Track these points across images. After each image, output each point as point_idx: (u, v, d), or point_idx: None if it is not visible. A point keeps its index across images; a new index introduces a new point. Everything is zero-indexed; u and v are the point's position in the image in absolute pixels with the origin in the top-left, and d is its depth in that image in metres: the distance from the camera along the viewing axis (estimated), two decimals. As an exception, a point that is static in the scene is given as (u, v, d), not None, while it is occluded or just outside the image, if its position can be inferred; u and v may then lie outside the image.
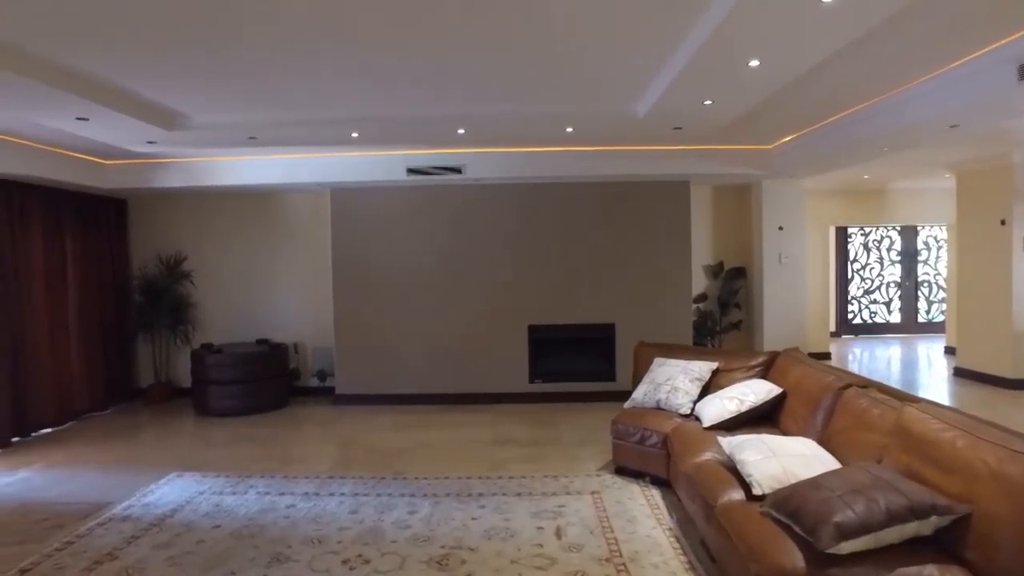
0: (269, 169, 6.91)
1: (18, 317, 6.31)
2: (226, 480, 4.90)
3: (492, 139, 6.08)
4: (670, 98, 4.45)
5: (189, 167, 6.93)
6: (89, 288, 7.27)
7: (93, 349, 7.28)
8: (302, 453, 5.69)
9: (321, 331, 7.82)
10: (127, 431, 6.59)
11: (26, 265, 6.44)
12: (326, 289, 7.70)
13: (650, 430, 4.61)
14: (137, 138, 5.40)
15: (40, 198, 6.61)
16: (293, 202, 7.94)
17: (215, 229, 8.00)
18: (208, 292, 8.01)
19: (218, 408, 7.00)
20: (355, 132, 5.44)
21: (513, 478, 4.85)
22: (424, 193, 7.41)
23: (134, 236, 8.08)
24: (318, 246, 7.85)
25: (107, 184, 6.96)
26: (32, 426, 6.44)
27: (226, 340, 7.88)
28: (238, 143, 5.72)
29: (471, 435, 6.11)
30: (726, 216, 8.28)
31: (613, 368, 7.53)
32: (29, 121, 4.91)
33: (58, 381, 6.77)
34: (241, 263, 7.99)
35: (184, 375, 7.88)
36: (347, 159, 6.83)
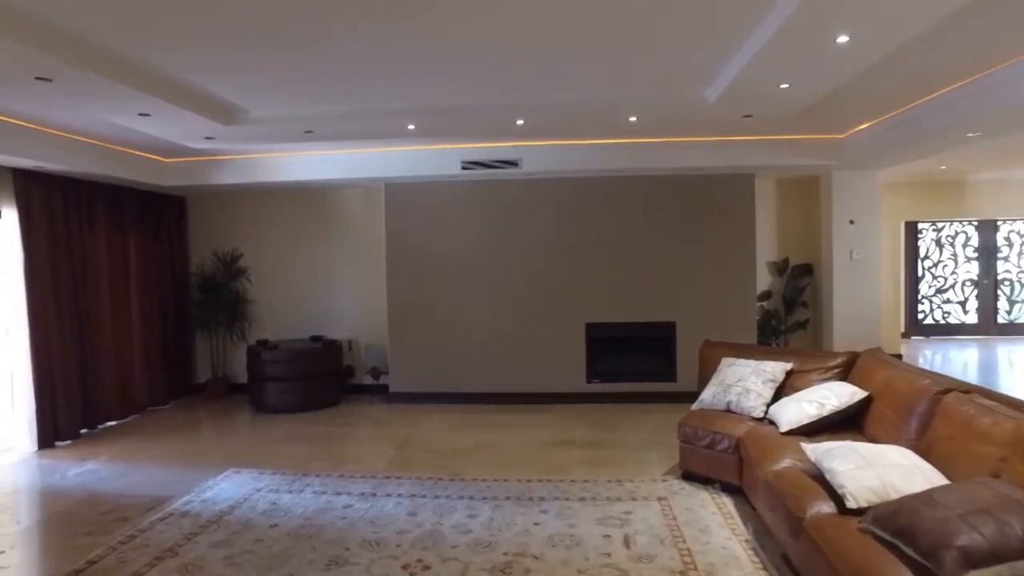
0: (323, 165, 6.88)
1: (86, 313, 6.43)
2: (282, 478, 4.86)
3: (551, 131, 5.89)
4: (744, 81, 4.18)
5: (245, 164, 6.95)
6: (150, 285, 7.38)
7: (154, 345, 7.39)
8: (357, 452, 5.62)
9: (375, 328, 7.76)
10: (186, 426, 6.65)
11: (93, 262, 6.56)
12: (380, 285, 7.64)
13: (721, 434, 4.36)
14: (196, 134, 5.40)
15: (105, 196, 6.72)
16: (347, 198, 7.91)
17: (270, 226, 8.03)
18: (263, 288, 8.05)
19: (273, 404, 7.01)
20: (412, 124, 5.33)
21: (575, 482, 4.65)
22: (479, 188, 7.28)
23: (192, 233, 8.19)
24: (372, 242, 7.80)
25: (167, 181, 7.04)
26: (99, 418, 6.56)
27: (281, 336, 7.90)
28: (294, 138, 5.68)
29: (529, 436, 5.94)
30: (791, 210, 7.91)
31: (673, 368, 7.25)
32: (95, 119, 4.96)
33: (122, 376, 6.88)
34: (295, 259, 8.01)
35: (240, 371, 7.93)
36: (402, 154, 6.74)
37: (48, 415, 5.92)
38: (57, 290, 6.07)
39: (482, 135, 6.12)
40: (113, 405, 6.72)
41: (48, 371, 5.95)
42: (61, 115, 4.92)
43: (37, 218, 5.91)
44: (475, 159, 6.64)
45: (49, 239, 6.01)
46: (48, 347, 5.95)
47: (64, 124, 5.27)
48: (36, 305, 5.85)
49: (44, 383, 5.90)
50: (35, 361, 5.82)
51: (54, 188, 6.09)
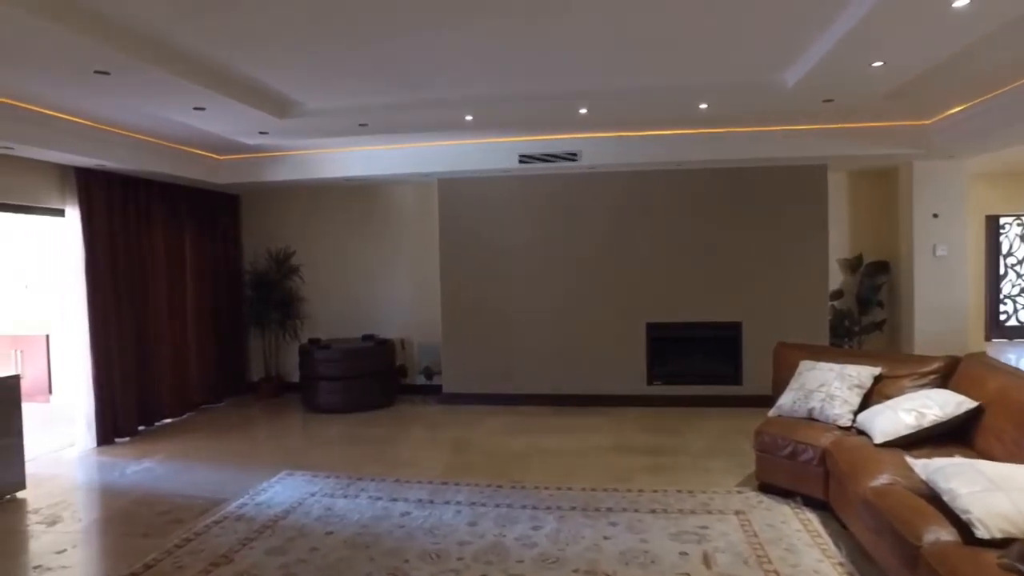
0: (376, 160, 6.74)
1: (143, 311, 6.44)
2: (336, 481, 4.71)
3: (613, 121, 5.61)
4: (833, 60, 3.83)
5: (298, 160, 6.87)
6: (205, 283, 7.37)
7: (209, 343, 7.39)
8: (413, 455, 5.44)
9: (428, 327, 7.60)
10: (240, 425, 6.60)
11: (150, 260, 6.56)
12: (433, 284, 7.48)
13: (804, 444, 4.02)
14: (250, 128, 5.31)
15: (162, 194, 6.73)
16: (400, 194, 7.77)
17: (323, 223, 7.95)
18: (315, 286, 7.98)
19: (326, 404, 6.91)
20: (469, 115, 5.12)
21: (644, 492, 4.37)
22: (535, 183, 7.04)
23: (246, 231, 8.17)
24: (425, 239, 7.64)
25: (221, 179, 7.01)
26: (156, 416, 6.57)
27: (333, 335, 7.81)
28: (348, 131, 5.53)
29: (589, 440, 5.68)
30: (864, 204, 7.42)
31: (738, 371, 6.88)
32: (151, 115, 4.90)
33: (178, 373, 6.88)
34: (347, 257, 7.91)
35: (293, 370, 7.87)
36: (456, 148, 6.55)
37: (107, 412, 5.93)
38: (116, 288, 6.08)
39: (541, 127, 5.87)
40: (169, 403, 6.72)
41: (107, 368, 5.96)
42: (119, 112, 4.88)
43: (98, 216, 5.92)
44: (533, 152, 6.40)
45: (108, 237, 6.02)
46: (107, 345, 5.96)
47: (122, 122, 5.24)
48: (96, 302, 5.86)
49: (103, 380, 5.91)
50: (95, 358, 5.83)
51: (113, 186, 6.10)
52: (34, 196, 5.57)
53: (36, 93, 4.36)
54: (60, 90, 4.22)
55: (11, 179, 5.35)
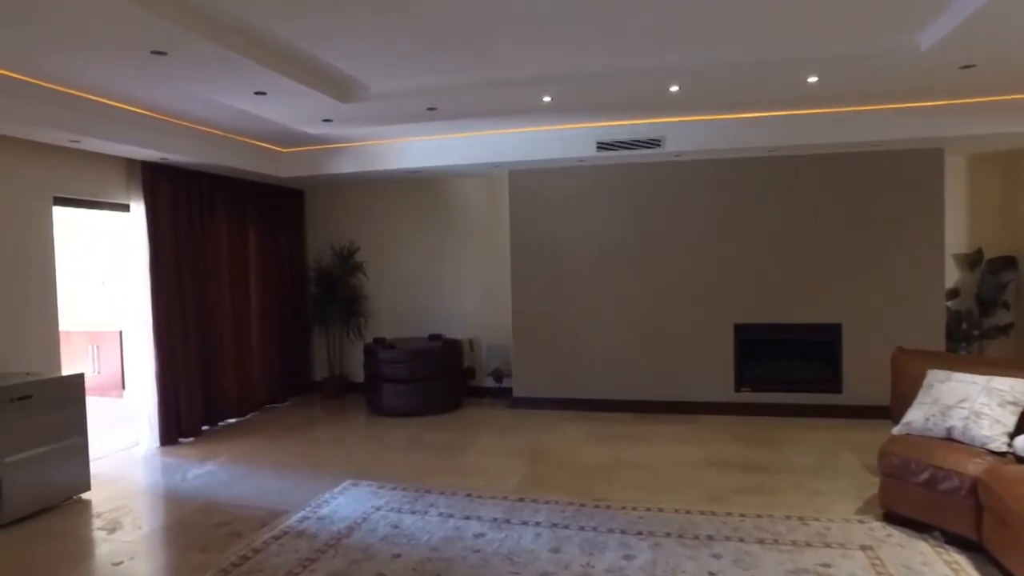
0: (444, 150, 6.37)
1: (207, 308, 6.28)
2: (404, 494, 4.34)
3: (705, 101, 5.04)
4: (992, 12, 3.20)
5: (362, 151, 6.58)
6: (269, 279, 7.19)
7: (272, 341, 7.20)
8: (484, 465, 5.04)
9: (497, 327, 7.21)
10: (303, 427, 6.36)
11: (213, 256, 6.39)
12: (503, 281, 7.09)
13: (945, 470, 3.42)
14: (313, 115, 5.01)
15: (226, 189, 6.56)
16: (468, 187, 7.40)
17: (387, 218, 7.66)
18: (380, 283, 7.70)
19: (390, 407, 6.60)
20: (548, 95, 4.67)
21: (746, 516, 3.84)
22: (614, 172, 6.54)
23: (310, 227, 7.97)
24: (494, 235, 7.25)
25: (285, 172, 6.79)
26: (219, 416, 6.40)
27: (398, 334, 7.52)
28: (415, 116, 5.16)
29: (676, 453, 5.16)
30: (986, 192, 6.59)
31: (838, 377, 6.21)
32: (212, 104, 4.66)
33: (241, 372, 6.70)
34: (413, 253, 7.60)
35: (357, 369, 7.63)
36: (528, 135, 6.12)
37: (171, 412, 5.77)
38: (180, 284, 5.92)
39: (622, 110, 5.37)
40: (233, 402, 6.55)
41: (171, 367, 5.80)
42: (180, 101, 4.66)
43: (162, 212, 5.76)
44: (612, 139, 5.91)
45: (173, 233, 5.86)
46: (171, 342, 5.80)
47: (185, 112, 5.03)
48: (160, 299, 5.70)
49: (167, 379, 5.75)
50: (158, 356, 5.67)
51: (178, 181, 5.94)
52: (101, 191, 5.45)
53: (96, 81, 4.16)
54: (118, 74, 4.00)
55: (79, 174, 5.23)
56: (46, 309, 4.99)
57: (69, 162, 5.14)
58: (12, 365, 4.68)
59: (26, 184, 4.84)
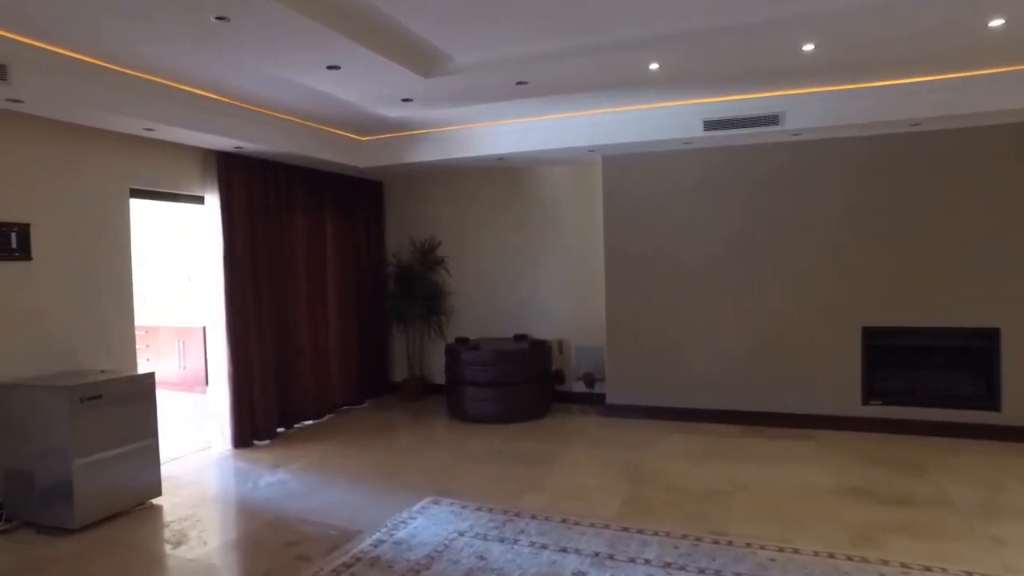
0: (531, 134, 5.85)
1: (283, 305, 6.01)
2: (490, 517, 3.84)
3: (842, 63, 4.28)
4: None
5: (444, 138, 6.14)
6: (347, 275, 6.89)
7: (350, 340, 6.89)
8: (579, 484, 4.48)
9: (588, 327, 6.63)
10: (381, 432, 5.98)
11: (290, 251, 6.12)
12: (595, 279, 6.51)
13: None
14: (391, 93, 4.59)
15: (303, 180, 6.28)
16: (557, 176, 6.85)
17: (470, 210, 7.22)
18: (462, 280, 7.27)
19: (473, 412, 6.14)
20: (655, 62, 4.06)
21: (911, 569, 3.11)
22: (721, 156, 5.84)
23: (389, 220, 7.64)
24: (586, 226, 6.68)
25: (363, 162, 6.45)
26: (294, 417, 6.13)
27: (480, 334, 7.07)
28: (502, 92, 4.65)
29: (801, 476, 4.44)
30: None
31: (995, 392, 5.28)
32: (284, 80, 4.31)
33: (318, 372, 6.42)
34: (498, 247, 7.12)
35: (437, 370, 7.23)
36: (625, 115, 5.51)
37: (245, 413, 5.51)
38: (256, 280, 5.66)
39: (735, 80, 4.68)
40: (309, 404, 6.26)
41: (246, 366, 5.54)
42: (250, 81, 4.34)
43: (237, 204, 5.51)
44: (722, 116, 5.22)
45: (248, 227, 5.60)
46: (246, 340, 5.54)
47: (259, 98, 4.74)
48: (235, 296, 5.45)
49: (242, 379, 5.50)
50: (233, 356, 5.42)
51: (253, 172, 5.68)
52: (177, 182, 5.24)
53: (166, 62, 3.89)
54: (184, 50, 3.69)
55: (155, 165, 5.03)
56: (122, 304, 4.80)
57: (145, 153, 4.94)
58: (87, 361, 4.50)
59: (103, 175, 4.65)
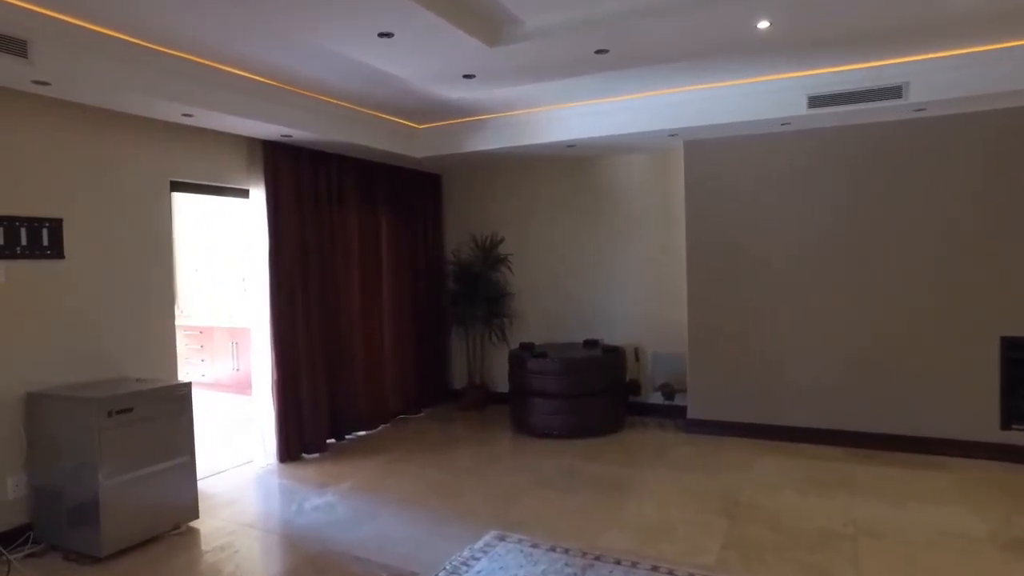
0: (605, 117, 5.23)
1: (334, 306, 5.57)
2: (567, 561, 3.24)
3: (978, 17, 3.52)
4: None
5: (507, 124, 5.58)
6: (403, 274, 6.41)
7: (407, 343, 6.41)
8: (667, 519, 3.82)
9: (667, 332, 5.97)
10: (439, 447, 5.46)
11: (342, 249, 5.68)
12: (675, 278, 5.85)
13: None
14: (451, 67, 4.05)
15: (355, 172, 5.82)
16: (633, 165, 6.20)
17: (535, 204, 6.64)
18: (526, 279, 6.70)
19: (540, 426, 5.56)
20: (764, 19, 3.38)
21: None
22: (825, 138, 5.09)
23: (448, 215, 7.14)
24: (664, 221, 6.02)
25: (420, 152, 5.95)
26: (346, 427, 5.68)
27: (546, 339, 6.49)
28: (578, 64, 4.03)
29: (942, 519, 3.67)
30: None
31: None
32: (331, 58, 3.84)
33: (372, 379, 5.96)
34: (565, 244, 6.52)
35: (499, 376, 6.69)
36: (714, 93, 4.83)
37: (292, 423, 5.08)
38: (305, 280, 5.23)
39: (851, 45, 3.95)
40: (362, 413, 5.80)
41: (293, 373, 5.12)
42: (296, 57, 3.88)
43: (285, 198, 5.09)
44: (831, 89, 4.48)
45: (297, 223, 5.18)
46: (294, 344, 5.12)
47: (307, 79, 4.28)
48: (282, 296, 5.03)
49: (288, 386, 5.07)
50: (279, 360, 4.99)
51: (302, 163, 5.25)
52: (220, 175, 4.84)
53: (202, 36, 3.46)
54: (218, 14, 3.23)
55: (196, 155, 4.63)
56: (163, 307, 4.42)
57: (186, 143, 4.55)
58: (125, 368, 4.13)
59: (141, 167, 4.28)
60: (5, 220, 3.60)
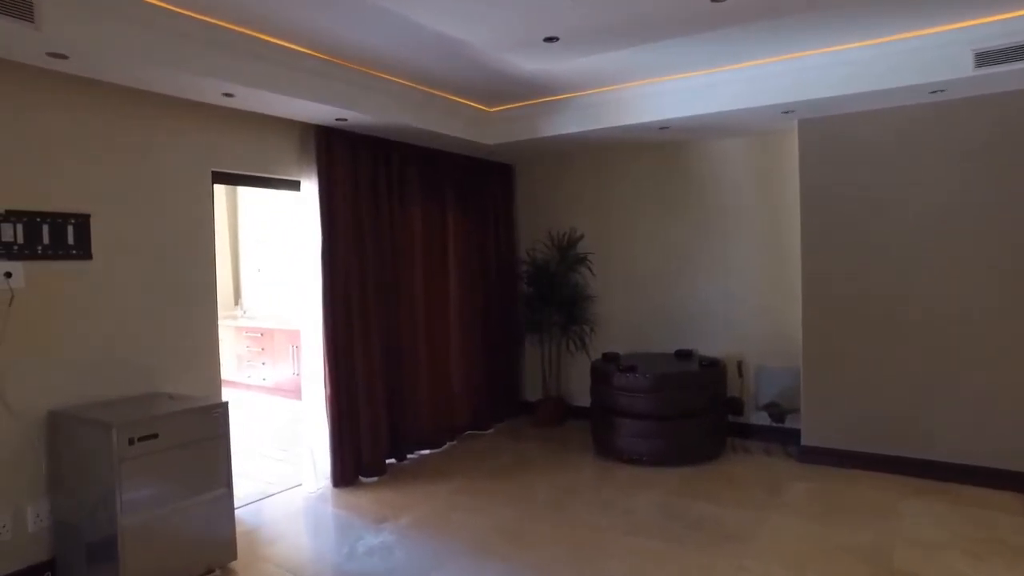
0: (708, 92, 4.43)
1: (394, 311, 4.99)
2: (681, 651, 2.52)
3: None
4: None
5: (589, 103, 4.86)
6: (471, 275, 5.78)
7: (475, 352, 5.78)
8: (798, 583, 3.05)
9: (774, 342, 5.12)
10: (512, 472, 4.78)
11: (404, 247, 5.09)
12: (784, 279, 5.01)
13: None
14: (532, 28, 3.36)
15: (418, 162, 5.23)
16: (734, 152, 5.36)
17: (620, 197, 5.89)
18: (608, 281, 5.95)
19: (627, 450, 4.82)
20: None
21: None
22: (985, 108, 4.12)
23: (521, 210, 6.47)
24: (771, 214, 5.17)
25: (492, 138, 5.30)
26: (408, 446, 5.09)
27: (631, 348, 5.73)
28: (683, 24, 3.27)
29: None
30: None
31: None
32: (387, 16, 3.22)
33: (437, 391, 5.35)
34: (653, 242, 5.74)
35: (577, 388, 5.99)
36: (844, 57, 3.96)
37: (347, 441, 4.52)
38: (362, 282, 4.67)
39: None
40: (425, 430, 5.20)
41: (348, 383, 4.56)
42: (349, 22, 3.28)
43: (340, 191, 4.53)
44: (1010, 41, 3.56)
45: (353, 218, 4.62)
46: (349, 352, 4.56)
47: (361, 49, 3.70)
48: (336, 300, 4.48)
49: (343, 397, 4.51)
50: (332, 370, 4.44)
51: (360, 152, 4.69)
52: (268, 164, 4.31)
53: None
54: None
55: (242, 142, 4.12)
56: (204, 313, 3.92)
57: (229, 128, 4.04)
58: (160, 381, 3.65)
59: (179, 155, 3.78)
60: (25, 216, 3.15)
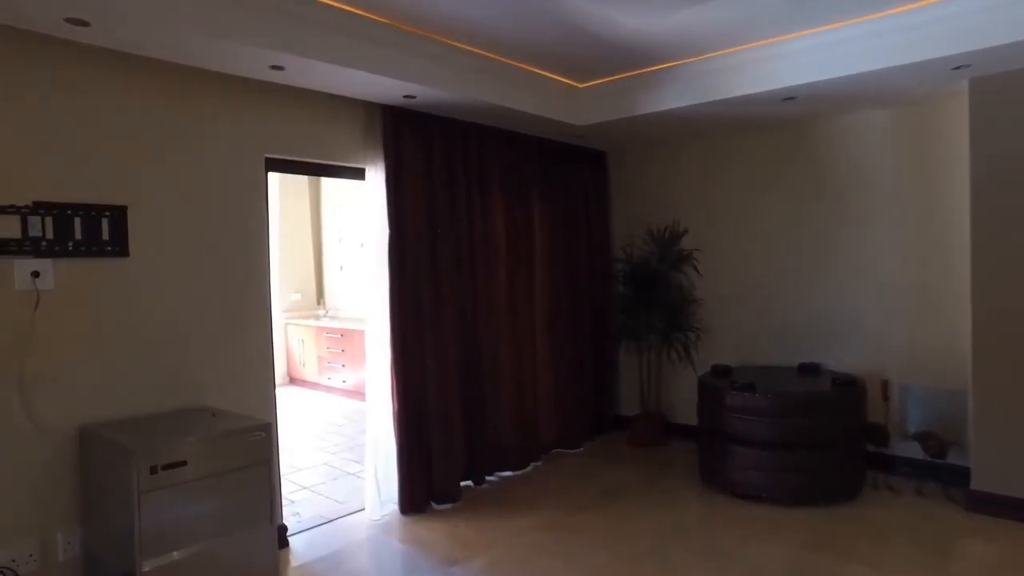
0: (849, 48, 3.57)
1: (471, 316, 4.43)
2: None
3: None
4: None
5: (697, 71, 4.09)
6: (560, 275, 5.14)
7: (564, 361, 5.13)
8: None
9: (928, 356, 4.18)
10: (605, 504, 4.09)
11: (482, 243, 4.51)
12: (940, 279, 4.07)
13: None
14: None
15: (499, 146, 4.64)
16: (874, 125, 4.44)
17: (730, 184, 5.08)
18: (717, 282, 5.16)
19: (741, 483, 4.03)
20: None
21: None
22: None
23: (616, 201, 5.77)
24: (920, 201, 4.23)
25: (581, 119, 4.64)
26: (487, 466, 4.53)
27: (743, 359, 4.92)
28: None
29: None
30: None
31: None
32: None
33: (519, 405, 4.75)
34: (771, 236, 4.90)
35: (681, 404, 5.24)
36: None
37: (416, 463, 4.00)
38: (435, 282, 4.13)
39: None
40: (507, 448, 4.61)
41: (419, 397, 4.04)
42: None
43: (411, 180, 4.01)
44: None
45: (425, 210, 4.09)
46: (421, 362, 4.04)
47: (431, 14, 3.15)
48: (404, 304, 3.96)
49: (413, 414, 4.00)
50: (401, 381, 3.92)
51: (433, 135, 4.15)
52: (328, 150, 3.85)
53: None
54: None
55: (298, 124, 3.67)
56: (256, 316, 3.50)
57: (284, 109, 3.59)
58: (205, 393, 3.25)
59: (227, 140, 3.37)
60: (56, 208, 2.80)
